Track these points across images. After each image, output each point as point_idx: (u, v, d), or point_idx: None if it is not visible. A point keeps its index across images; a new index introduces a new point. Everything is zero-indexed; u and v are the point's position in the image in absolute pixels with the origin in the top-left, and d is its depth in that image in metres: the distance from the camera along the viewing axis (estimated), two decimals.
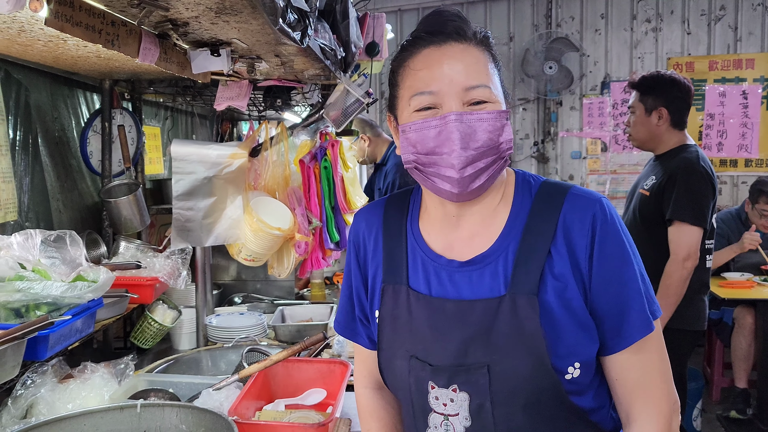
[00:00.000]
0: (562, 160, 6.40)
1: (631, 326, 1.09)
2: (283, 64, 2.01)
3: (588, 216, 1.10)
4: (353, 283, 1.31)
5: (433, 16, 1.15)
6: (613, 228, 1.11)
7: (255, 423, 1.67)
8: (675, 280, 2.70)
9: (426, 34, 1.12)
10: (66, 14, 1.11)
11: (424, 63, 1.10)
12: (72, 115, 2.53)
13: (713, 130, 5.94)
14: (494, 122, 1.06)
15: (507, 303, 1.08)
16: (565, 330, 1.07)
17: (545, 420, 1.10)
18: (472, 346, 1.09)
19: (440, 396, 1.13)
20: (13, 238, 1.82)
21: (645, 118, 2.94)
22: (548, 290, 1.08)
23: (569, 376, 1.08)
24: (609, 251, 1.09)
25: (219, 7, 1.28)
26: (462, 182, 1.07)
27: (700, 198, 2.73)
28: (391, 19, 6.03)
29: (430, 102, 1.08)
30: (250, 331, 2.59)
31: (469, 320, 1.10)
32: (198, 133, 3.94)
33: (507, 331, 1.07)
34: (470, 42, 1.11)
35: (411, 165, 1.12)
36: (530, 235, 1.11)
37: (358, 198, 2.77)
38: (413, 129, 1.09)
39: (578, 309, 1.08)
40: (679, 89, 2.90)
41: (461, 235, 1.17)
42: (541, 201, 1.14)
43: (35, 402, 1.71)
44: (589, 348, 1.10)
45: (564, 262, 1.09)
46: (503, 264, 1.11)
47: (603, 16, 6.18)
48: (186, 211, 2.21)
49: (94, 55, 1.85)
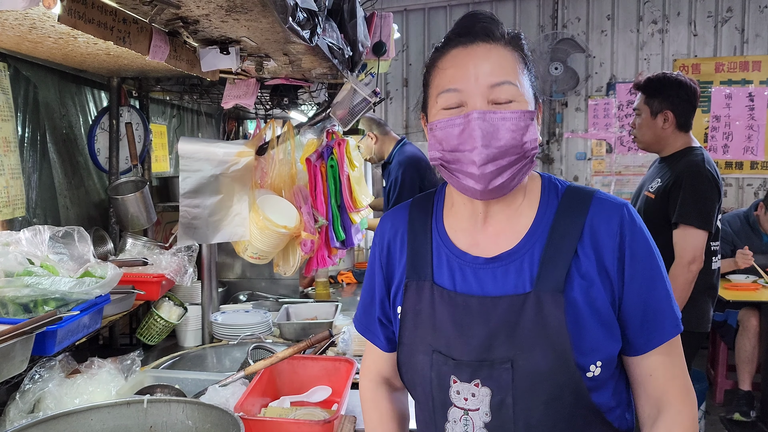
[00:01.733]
0: (566, 161, 6.39)
1: (662, 326, 1.13)
2: (291, 63, 2.02)
3: (615, 219, 1.13)
4: (376, 283, 1.33)
5: (464, 19, 1.18)
6: (640, 231, 1.14)
7: (261, 419, 1.68)
8: (680, 283, 2.70)
9: (456, 36, 1.16)
10: (79, 11, 1.12)
11: (452, 62, 1.13)
12: (80, 113, 2.54)
13: (719, 132, 5.93)
14: (518, 122, 1.08)
15: (532, 299, 1.10)
16: (588, 328, 1.10)
17: (564, 418, 1.11)
18: (496, 342, 1.11)
19: (462, 390, 1.14)
20: (21, 233, 1.83)
21: (650, 121, 2.94)
22: (574, 288, 1.10)
23: (590, 374, 1.10)
24: (639, 254, 1.13)
25: (230, 5, 1.28)
26: (483, 178, 1.09)
27: (706, 201, 2.72)
28: (397, 19, 6.03)
29: (455, 100, 1.11)
30: (255, 328, 2.60)
31: (493, 316, 1.12)
32: (204, 131, 3.96)
33: (532, 327, 1.09)
34: (498, 42, 1.13)
35: (437, 162, 1.15)
36: (557, 234, 1.14)
37: (364, 197, 2.77)
38: (439, 127, 1.12)
39: (602, 308, 1.11)
40: (685, 92, 2.89)
41: (487, 233, 1.19)
42: (568, 203, 1.17)
43: (43, 396, 1.72)
44: (611, 347, 1.12)
45: (590, 263, 1.11)
46: (529, 262, 1.13)
47: (609, 17, 6.18)
48: (193, 208, 2.22)
49: (104, 52, 1.86)
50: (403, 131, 6.76)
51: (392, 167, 4.10)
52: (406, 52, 6.69)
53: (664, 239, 2.79)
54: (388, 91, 6.75)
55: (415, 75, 6.72)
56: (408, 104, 6.76)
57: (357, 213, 2.69)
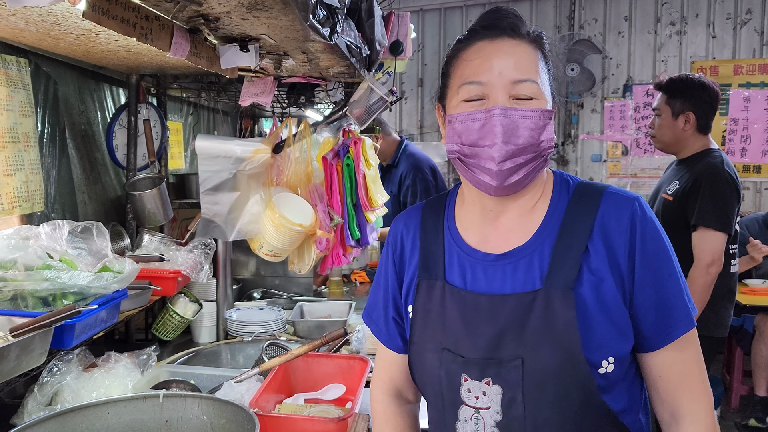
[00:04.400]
0: (582, 162, 6.36)
1: (674, 322, 1.11)
2: (309, 61, 2.03)
3: (626, 214, 1.12)
4: (389, 283, 1.33)
5: (490, 12, 1.18)
6: (652, 225, 1.13)
7: (276, 415, 1.68)
8: (699, 286, 2.67)
9: (481, 28, 1.16)
10: (103, 7, 1.13)
11: (476, 54, 1.13)
12: (98, 109, 2.57)
13: (737, 135, 5.87)
14: (537, 120, 1.08)
15: (542, 296, 1.09)
16: (598, 324, 1.09)
17: (573, 416, 1.10)
18: (505, 339, 1.11)
19: (473, 389, 1.14)
20: (41, 228, 1.85)
21: (671, 121, 2.91)
22: (584, 284, 1.10)
23: (603, 371, 1.09)
24: (651, 248, 1.11)
25: (251, 2, 1.29)
26: (500, 175, 1.09)
27: (725, 204, 2.70)
28: (412, 18, 6.01)
29: (477, 92, 1.11)
30: (269, 326, 2.61)
31: (501, 314, 1.12)
32: (219, 128, 3.98)
33: (540, 325, 1.09)
34: (523, 39, 1.14)
35: (454, 155, 1.15)
36: (567, 231, 1.13)
37: (380, 196, 2.77)
38: (459, 120, 1.12)
39: (612, 304, 1.10)
40: (708, 94, 2.87)
41: (497, 229, 1.19)
42: (579, 199, 1.16)
43: (60, 389, 1.74)
44: (622, 344, 1.11)
45: (601, 258, 1.11)
46: (539, 258, 1.13)
47: (626, 18, 6.14)
48: (213, 205, 2.23)
49: (124, 49, 1.88)
50: (417, 131, 6.75)
51: (404, 173, 3.93)
52: (422, 52, 6.68)
53: (682, 241, 2.76)
54: (403, 90, 6.75)
55: (431, 75, 6.71)
56: (423, 104, 6.75)
57: (372, 212, 2.69)
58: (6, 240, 1.79)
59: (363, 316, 1.41)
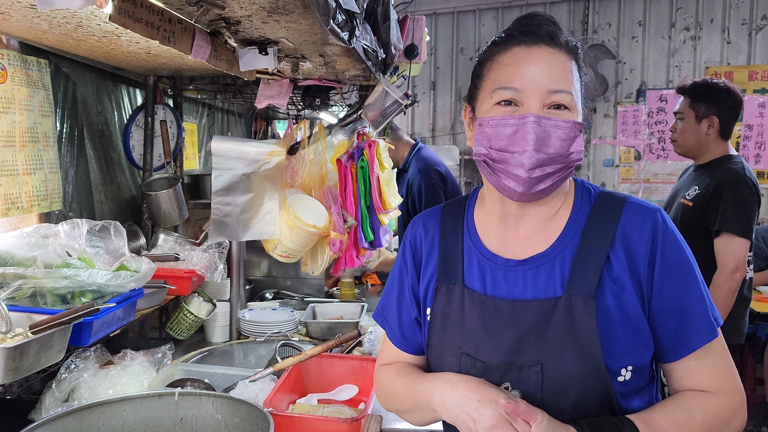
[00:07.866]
0: (594, 167, 6.34)
1: (694, 332, 1.12)
2: (326, 64, 2.04)
3: (647, 224, 1.13)
4: (407, 284, 1.32)
5: (528, 18, 1.18)
6: (673, 236, 1.14)
7: (289, 415, 1.69)
8: (724, 292, 2.65)
9: (519, 33, 1.15)
10: (128, 10, 1.15)
11: (512, 60, 1.13)
12: (115, 110, 2.59)
13: (751, 141, 5.83)
14: (569, 131, 1.09)
15: (563, 303, 1.10)
16: (619, 332, 1.09)
17: None
18: (525, 345, 1.11)
19: None
20: (60, 226, 1.87)
21: (695, 125, 2.90)
22: (606, 293, 1.10)
23: (621, 378, 1.10)
24: (671, 258, 1.12)
25: (272, 6, 1.31)
26: (528, 182, 1.09)
27: (748, 209, 2.69)
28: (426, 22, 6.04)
29: (511, 97, 1.11)
30: (282, 326, 2.62)
31: (522, 319, 1.12)
32: (233, 130, 4.00)
33: (561, 331, 1.09)
34: (560, 48, 1.14)
35: (481, 158, 1.15)
36: (589, 239, 1.14)
37: (393, 198, 2.78)
38: (491, 124, 1.12)
39: (633, 313, 1.10)
40: (733, 99, 2.86)
41: (518, 235, 1.20)
42: (600, 208, 1.17)
43: (78, 386, 1.76)
44: (642, 352, 1.12)
45: (622, 267, 1.11)
46: (560, 265, 1.14)
47: (640, 24, 6.12)
48: (224, 206, 2.25)
49: (144, 51, 1.90)
50: (429, 134, 6.76)
51: (411, 177, 3.89)
52: (435, 55, 6.69)
53: (702, 247, 2.75)
54: (416, 94, 6.76)
55: (443, 78, 6.72)
56: (435, 107, 6.76)
57: (386, 214, 2.70)
58: (26, 238, 1.82)
59: (374, 315, 1.41)
